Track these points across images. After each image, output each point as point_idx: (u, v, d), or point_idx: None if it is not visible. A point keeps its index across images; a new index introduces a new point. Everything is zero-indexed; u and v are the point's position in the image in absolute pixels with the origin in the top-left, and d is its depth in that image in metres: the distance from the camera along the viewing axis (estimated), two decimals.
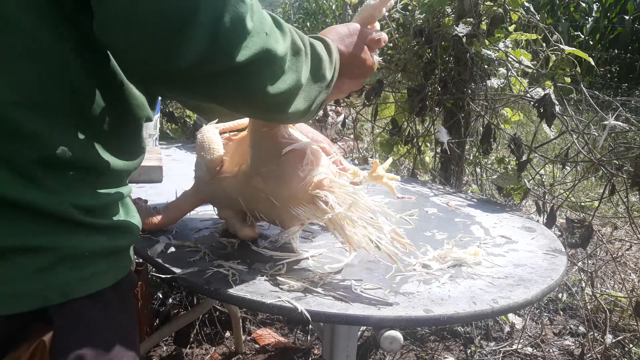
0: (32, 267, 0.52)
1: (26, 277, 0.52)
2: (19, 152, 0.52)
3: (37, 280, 0.53)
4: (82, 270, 0.56)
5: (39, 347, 0.52)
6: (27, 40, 0.51)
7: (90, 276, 0.57)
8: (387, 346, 0.76)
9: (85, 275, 0.56)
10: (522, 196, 1.53)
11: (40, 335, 0.53)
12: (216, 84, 0.55)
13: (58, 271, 0.54)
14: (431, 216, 1.19)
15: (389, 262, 0.84)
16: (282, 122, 0.80)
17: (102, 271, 0.59)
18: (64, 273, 0.54)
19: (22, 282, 0.52)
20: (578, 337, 2.04)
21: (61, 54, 0.53)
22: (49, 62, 0.53)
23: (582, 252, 2.22)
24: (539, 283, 0.87)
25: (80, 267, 0.56)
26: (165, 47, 0.50)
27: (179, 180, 1.34)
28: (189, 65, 0.51)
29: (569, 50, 1.55)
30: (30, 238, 0.52)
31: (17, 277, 0.52)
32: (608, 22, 7.54)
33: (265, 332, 2.01)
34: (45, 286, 0.53)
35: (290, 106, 0.66)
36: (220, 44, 0.52)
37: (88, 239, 0.57)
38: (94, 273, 0.58)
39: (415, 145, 1.81)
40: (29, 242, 0.52)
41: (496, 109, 1.70)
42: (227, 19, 0.52)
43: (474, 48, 1.60)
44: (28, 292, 0.52)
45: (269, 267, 0.87)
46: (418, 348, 1.96)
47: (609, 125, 1.33)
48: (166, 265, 0.85)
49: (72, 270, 0.55)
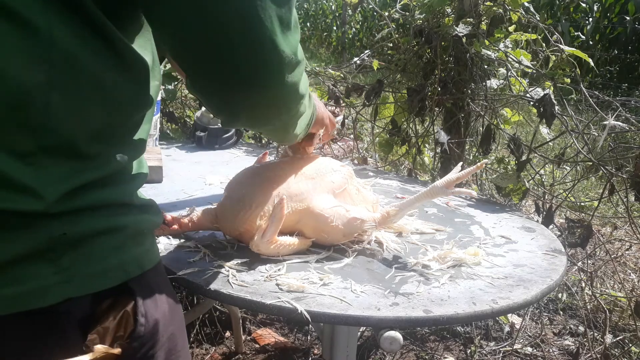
0: (110, 246, 0.58)
1: (107, 255, 0.58)
2: (95, 173, 0.58)
3: (115, 257, 0.58)
4: (144, 245, 0.63)
5: (124, 316, 0.58)
6: (93, 78, 0.55)
7: (151, 249, 0.65)
8: (387, 346, 0.76)
9: (147, 248, 0.64)
10: (521, 196, 1.53)
11: (123, 307, 0.58)
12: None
13: (129, 247, 0.60)
14: (431, 216, 1.19)
15: None
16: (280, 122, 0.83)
17: (153, 245, 0.66)
18: (134, 248, 0.61)
19: (105, 260, 0.57)
20: (578, 337, 2.04)
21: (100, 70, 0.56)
22: (111, 97, 0.57)
23: (581, 252, 2.22)
24: (539, 283, 0.87)
25: (143, 243, 0.63)
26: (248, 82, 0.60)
27: (179, 180, 1.35)
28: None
29: (569, 51, 1.55)
30: (104, 221, 0.58)
31: (100, 257, 0.57)
32: (608, 22, 7.54)
33: (265, 332, 2.01)
34: (124, 261, 0.59)
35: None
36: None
37: (143, 217, 0.63)
38: (152, 246, 0.66)
39: (415, 146, 1.81)
40: (103, 225, 0.58)
41: (496, 109, 1.70)
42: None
43: (474, 48, 1.60)
44: (110, 269, 0.58)
45: (268, 267, 0.87)
46: (418, 348, 1.96)
47: (608, 125, 1.33)
48: (166, 265, 0.85)
49: (139, 245, 0.62)
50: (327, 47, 12.58)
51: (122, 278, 0.59)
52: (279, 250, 0.91)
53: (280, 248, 0.90)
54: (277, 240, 0.90)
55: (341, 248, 0.97)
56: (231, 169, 1.14)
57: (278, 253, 0.91)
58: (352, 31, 11.47)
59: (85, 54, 0.53)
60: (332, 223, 0.93)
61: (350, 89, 1.82)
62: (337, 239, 0.96)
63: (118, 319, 0.58)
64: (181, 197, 1.22)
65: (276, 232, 0.89)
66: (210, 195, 1.24)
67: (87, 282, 0.56)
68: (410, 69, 1.78)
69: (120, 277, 0.59)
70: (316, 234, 0.95)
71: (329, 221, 0.93)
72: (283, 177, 0.96)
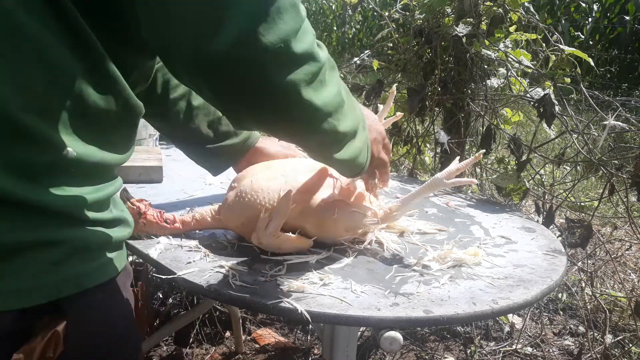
0: (46, 261, 0.54)
1: (41, 271, 0.54)
2: (30, 156, 0.53)
3: (52, 274, 0.55)
4: (92, 262, 0.59)
5: (53, 337, 0.55)
6: (35, 45, 0.52)
7: (99, 267, 0.61)
8: (386, 347, 0.76)
9: (95, 266, 0.60)
10: (521, 196, 1.53)
11: (53, 326, 0.55)
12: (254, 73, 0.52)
13: (71, 263, 0.57)
14: (431, 216, 1.19)
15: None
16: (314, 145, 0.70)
17: (108, 261, 0.62)
18: (76, 265, 0.57)
19: (37, 275, 0.54)
20: (578, 337, 2.04)
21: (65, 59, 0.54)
22: (55, 68, 0.53)
23: (581, 252, 2.22)
24: (539, 283, 0.87)
25: (90, 259, 0.59)
26: (202, 31, 0.50)
27: (179, 180, 1.34)
28: (225, 46, 0.50)
29: (569, 51, 1.55)
30: (42, 233, 0.54)
31: (32, 271, 0.54)
32: (608, 22, 7.54)
33: (265, 332, 2.01)
34: (60, 279, 0.56)
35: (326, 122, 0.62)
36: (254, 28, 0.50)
37: (94, 232, 0.60)
38: (102, 263, 0.61)
39: (415, 146, 1.81)
40: (40, 237, 0.54)
41: (496, 109, 1.70)
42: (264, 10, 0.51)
43: (474, 48, 1.60)
44: (42, 285, 0.54)
45: (269, 267, 0.87)
46: (418, 348, 1.96)
47: (608, 125, 1.33)
48: (166, 265, 0.85)
49: (83, 262, 0.58)
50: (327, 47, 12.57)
51: (53, 296, 0.55)
52: (281, 245, 0.90)
53: (282, 242, 0.90)
54: (280, 234, 0.90)
55: (341, 248, 0.97)
56: (231, 169, 1.14)
57: (279, 247, 0.91)
58: (352, 31, 11.47)
59: (23, 13, 0.50)
60: (333, 216, 0.93)
61: (350, 89, 1.82)
62: (339, 233, 0.96)
63: (47, 339, 0.54)
64: (181, 197, 1.22)
65: (280, 225, 0.89)
66: (210, 195, 1.24)
67: (13, 298, 0.53)
68: (410, 69, 1.78)
69: (51, 294, 0.55)
70: (318, 228, 0.95)
71: (331, 214, 0.93)
72: (289, 172, 0.97)
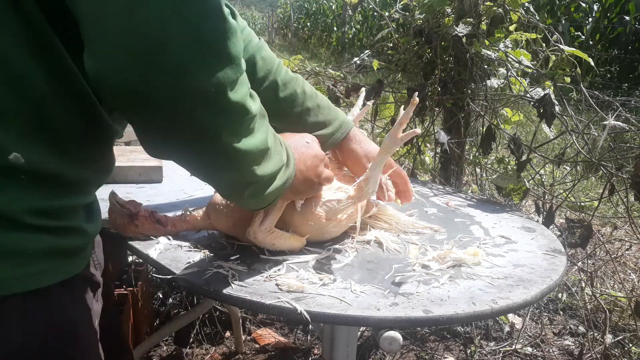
0: None
1: None
2: None
3: None
4: (24, 267, 0.57)
5: None
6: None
7: (33, 273, 0.58)
8: (386, 347, 0.76)
9: (27, 272, 0.57)
10: (521, 196, 1.53)
11: None
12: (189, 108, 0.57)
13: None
14: (431, 216, 1.19)
15: None
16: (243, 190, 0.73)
17: (47, 269, 0.60)
18: (5, 269, 0.56)
19: None
20: (578, 337, 2.04)
21: (22, 64, 0.54)
22: (14, 73, 0.54)
23: (581, 252, 2.22)
24: (539, 283, 0.87)
25: (23, 265, 0.57)
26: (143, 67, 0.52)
27: (179, 180, 1.34)
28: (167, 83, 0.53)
29: (569, 51, 1.55)
30: None
31: None
32: (608, 22, 7.54)
33: (265, 332, 2.01)
34: None
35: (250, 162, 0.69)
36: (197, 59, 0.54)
37: (33, 238, 0.58)
38: (38, 270, 0.59)
39: (415, 146, 1.81)
40: None
41: (496, 109, 1.70)
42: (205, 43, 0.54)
43: (474, 48, 1.60)
44: None
45: (268, 267, 0.87)
46: (418, 348, 1.96)
47: (608, 125, 1.33)
48: (166, 265, 0.85)
49: (13, 267, 0.56)
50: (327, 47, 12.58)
51: None
52: (275, 241, 0.91)
53: (276, 238, 0.91)
54: (274, 230, 0.90)
55: (341, 248, 0.97)
56: None
57: (274, 244, 0.91)
58: (352, 31, 11.47)
59: None
60: (312, 209, 0.93)
61: (350, 89, 1.82)
62: (323, 224, 0.95)
63: None
64: (181, 197, 1.22)
65: (275, 220, 0.89)
66: (210, 196, 1.23)
67: None
68: (410, 69, 1.78)
69: None
70: (304, 225, 0.94)
71: (310, 209, 0.93)
72: None
